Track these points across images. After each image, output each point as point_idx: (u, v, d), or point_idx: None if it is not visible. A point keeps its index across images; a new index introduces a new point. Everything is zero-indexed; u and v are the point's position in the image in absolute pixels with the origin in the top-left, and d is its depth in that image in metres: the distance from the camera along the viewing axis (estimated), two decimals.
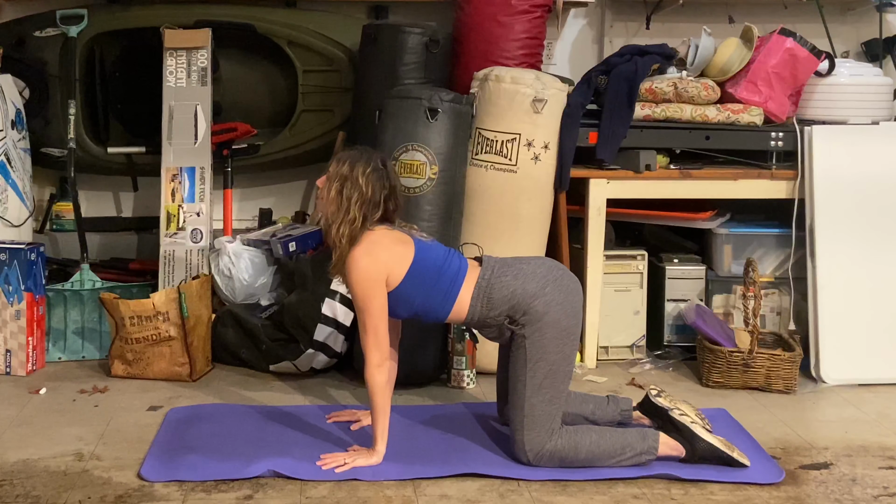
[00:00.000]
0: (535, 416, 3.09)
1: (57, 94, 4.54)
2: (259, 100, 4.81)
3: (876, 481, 3.13)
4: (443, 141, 3.86)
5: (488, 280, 3.13)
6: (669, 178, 4.20)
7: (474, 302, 3.13)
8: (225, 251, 4.23)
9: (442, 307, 3.14)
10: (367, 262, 3.07)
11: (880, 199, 4.13)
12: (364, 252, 3.07)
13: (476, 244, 3.90)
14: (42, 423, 3.48)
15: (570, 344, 3.15)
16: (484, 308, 3.13)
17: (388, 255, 3.10)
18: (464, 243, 3.96)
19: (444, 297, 3.13)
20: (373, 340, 3.07)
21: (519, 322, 3.11)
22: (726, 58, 4.27)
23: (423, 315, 3.19)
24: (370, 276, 3.06)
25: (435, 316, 3.18)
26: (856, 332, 4.07)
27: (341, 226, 3.08)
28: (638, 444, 3.13)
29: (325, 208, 3.14)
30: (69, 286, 4.23)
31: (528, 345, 3.09)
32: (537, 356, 3.09)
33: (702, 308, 4.19)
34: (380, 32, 4.36)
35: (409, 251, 3.14)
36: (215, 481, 3.01)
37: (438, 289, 3.13)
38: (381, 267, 3.07)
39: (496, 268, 3.17)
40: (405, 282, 3.10)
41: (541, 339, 3.09)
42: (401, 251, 3.13)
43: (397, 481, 3.03)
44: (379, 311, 3.07)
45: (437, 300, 3.14)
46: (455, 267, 3.16)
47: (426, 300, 3.13)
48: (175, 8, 4.60)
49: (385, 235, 3.14)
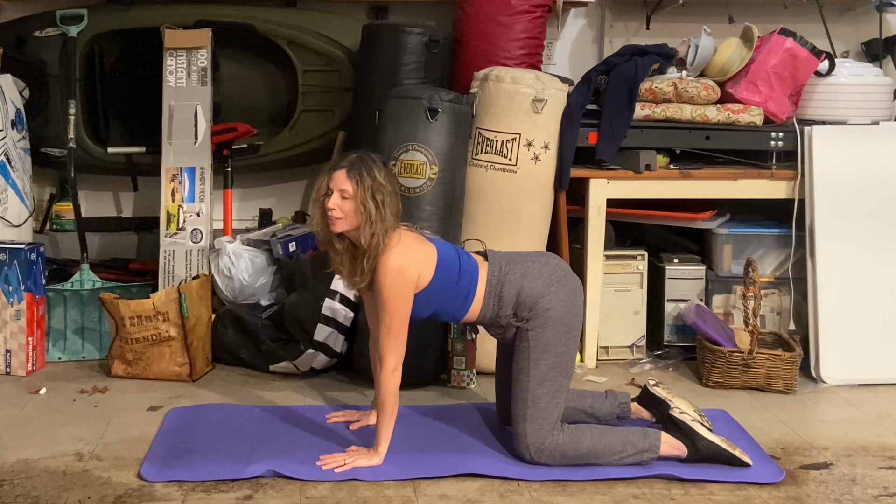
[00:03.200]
0: (538, 409, 3.10)
1: (57, 94, 4.54)
2: (259, 100, 4.81)
3: (876, 481, 3.13)
4: (443, 141, 3.86)
5: (498, 278, 3.14)
6: (669, 178, 4.20)
7: (486, 300, 3.14)
8: (225, 251, 4.23)
9: (462, 306, 3.15)
10: (401, 263, 3.04)
11: (880, 199, 4.13)
12: (397, 254, 3.05)
13: (479, 240, 3.91)
14: (42, 423, 3.48)
15: (572, 341, 3.16)
16: (495, 306, 3.14)
17: (418, 256, 3.09)
18: (466, 240, 3.96)
19: (465, 297, 3.14)
20: (395, 344, 3.06)
21: (523, 318, 3.11)
22: (726, 58, 4.27)
23: (442, 314, 3.19)
24: (406, 277, 3.05)
25: (453, 315, 3.19)
26: (856, 332, 4.07)
27: (377, 233, 3.02)
28: (640, 442, 3.13)
29: (352, 221, 3.04)
30: (69, 286, 4.23)
31: (532, 339, 3.10)
32: (541, 349, 3.10)
33: (702, 308, 4.19)
34: (380, 32, 4.36)
35: (432, 250, 3.14)
36: (215, 481, 3.01)
37: (460, 288, 3.13)
38: (415, 268, 3.07)
39: (503, 265, 3.17)
40: (433, 282, 3.10)
41: (544, 333, 3.10)
42: (426, 250, 3.13)
43: (397, 481, 3.04)
44: (405, 314, 3.07)
45: (458, 299, 3.14)
46: (468, 265, 3.17)
47: (448, 299, 3.14)
48: (175, 8, 4.60)
49: (408, 236, 3.13)
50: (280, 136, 4.66)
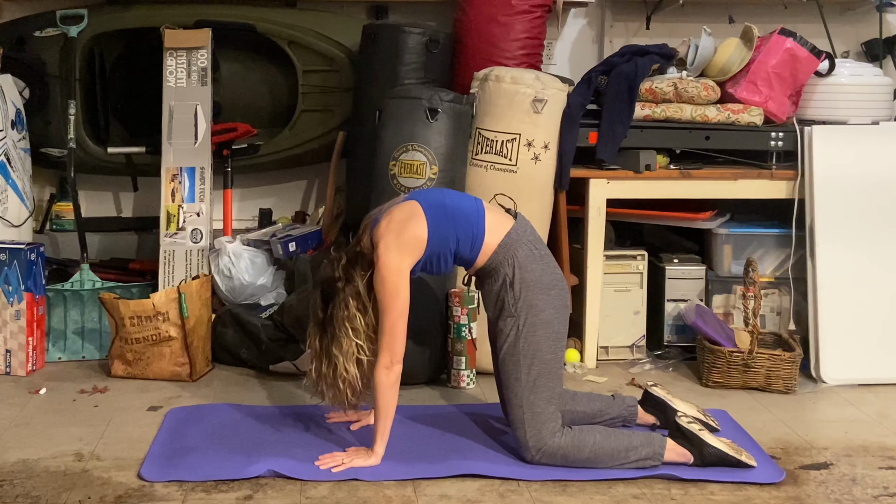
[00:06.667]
0: (534, 413, 3.10)
1: (57, 94, 4.53)
2: (259, 100, 4.81)
3: (876, 481, 3.13)
4: (443, 141, 3.86)
5: (523, 238, 3.14)
6: (669, 178, 4.20)
7: (500, 249, 3.12)
8: (225, 251, 4.23)
9: (477, 233, 3.13)
10: (391, 256, 3.05)
11: (880, 199, 4.13)
12: (385, 248, 3.05)
13: (510, 197, 3.88)
14: (42, 423, 3.48)
15: (559, 347, 3.18)
16: (507, 257, 3.11)
17: (405, 236, 3.07)
18: (497, 194, 3.93)
19: (473, 234, 3.13)
20: (388, 339, 3.05)
21: (518, 297, 3.11)
22: (726, 58, 4.27)
23: (463, 245, 3.15)
24: (397, 268, 3.04)
25: (471, 245, 3.15)
26: (856, 332, 4.07)
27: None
28: (643, 449, 3.12)
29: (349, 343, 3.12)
30: (69, 286, 4.23)
31: (522, 344, 3.10)
32: (531, 354, 3.11)
33: (702, 308, 4.19)
34: (380, 32, 4.36)
35: (415, 207, 3.13)
36: (215, 481, 3.01)
37: (467, 225, 3.12)
38: (406, 251, 3.06)
39: (529, 230, 3.18)
40: (430, 228, 3.09)
41: (534, 336, 3.11)
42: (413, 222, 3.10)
43: (397, 481, 3.03)
44: (401, 309, 3.05)
45: (470, 227, 3.13)
46: (467, 202, 3.18)
47: (460, 229, 3.12)
48: (175, 8, 4.60)
49: (390, 221, 3.11)
50: (280, 136, 4.66)
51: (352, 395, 3.16)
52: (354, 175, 4.46)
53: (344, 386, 3.13)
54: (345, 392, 3.14)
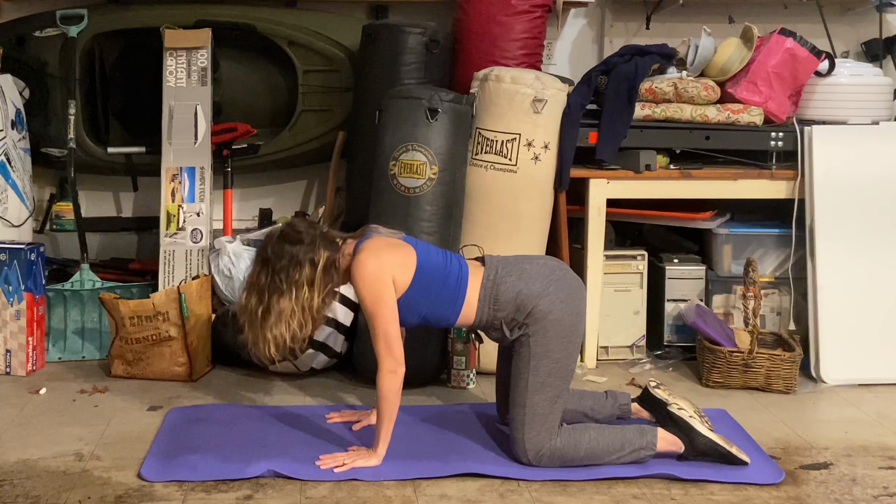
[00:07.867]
0: (536, 415, 3.10)
1: (57, 94, 4.53)
2: (259, 100, 4.81)
3: (876, 481, 3.13)
4: (443, 141, 3.86)
5: (493, 280, 3.13)
6: (669, 178, 4.20)
7: (482, 304, 3.13)
8: (225, 251, 4.23)
9: (451, 311, 3.14)
10: (372, 264, 3.06)
11: (880, 199, 4.14)
12: (367, 256, 3.07)
13: (477, 245, 3.90)
14: (42, 423, 3.48)
15: (573, 343, 3.15)
16: (491, 309, 3.13)
17: (391, 257, 3.09)
18: (464, 245, 3.96)
19: (452, 301, 3.13)
20: (384, 345, 3.05)
21: (523, 322, 3.10)
22: (726, 58, 4.27)
23: (433, 321, 3.18)
24: (378, 276, 3.05)
25: (445, 321, 3.18)
26: (856, 332, 4.07)
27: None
28: (636, 440, 3.13)
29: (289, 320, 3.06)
30: (69, 286, 4.23)
31: (532, 343, 3.10)
32: (541, 354, 3.09)
33: (702, 308, 4.19)
34: (380, 32, 4.36)
35: (410, 253, 3.13)
36: (215, 481, 3.01)
37: (446, 291, 3.12)
38: (387, 268, 3.07)
39: (500, 268, 3.16)
40: (413, 286, 3.09)
41: (544, 337, 3.09)
42: (402, 253, 3.13)
43: (397, 481, 3.04)
44: (389, 314, 3.06)
45: (446, 304, 3.13)
46: (457, 268, 3.16)
47: (435, 304, 3.13)
48: (175, 8, 4.59)
49: (381, 241, 3.15)
50: (280, 137, 4.66)
51: (274, 350, 3.09)
52: (354, 175, 4.46)
53: (269, 336, 3.07)
54: (267, 342, 3.07)
